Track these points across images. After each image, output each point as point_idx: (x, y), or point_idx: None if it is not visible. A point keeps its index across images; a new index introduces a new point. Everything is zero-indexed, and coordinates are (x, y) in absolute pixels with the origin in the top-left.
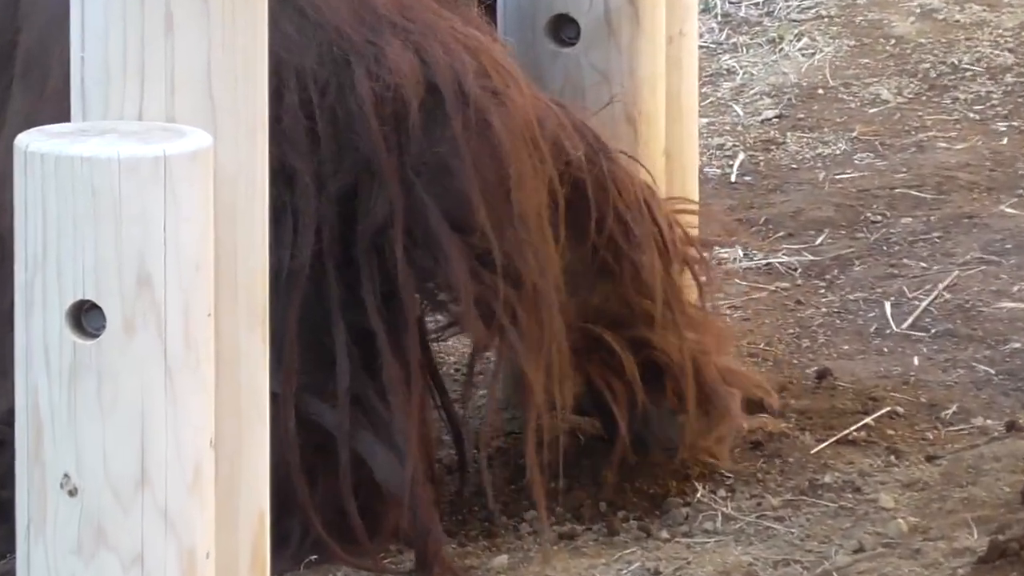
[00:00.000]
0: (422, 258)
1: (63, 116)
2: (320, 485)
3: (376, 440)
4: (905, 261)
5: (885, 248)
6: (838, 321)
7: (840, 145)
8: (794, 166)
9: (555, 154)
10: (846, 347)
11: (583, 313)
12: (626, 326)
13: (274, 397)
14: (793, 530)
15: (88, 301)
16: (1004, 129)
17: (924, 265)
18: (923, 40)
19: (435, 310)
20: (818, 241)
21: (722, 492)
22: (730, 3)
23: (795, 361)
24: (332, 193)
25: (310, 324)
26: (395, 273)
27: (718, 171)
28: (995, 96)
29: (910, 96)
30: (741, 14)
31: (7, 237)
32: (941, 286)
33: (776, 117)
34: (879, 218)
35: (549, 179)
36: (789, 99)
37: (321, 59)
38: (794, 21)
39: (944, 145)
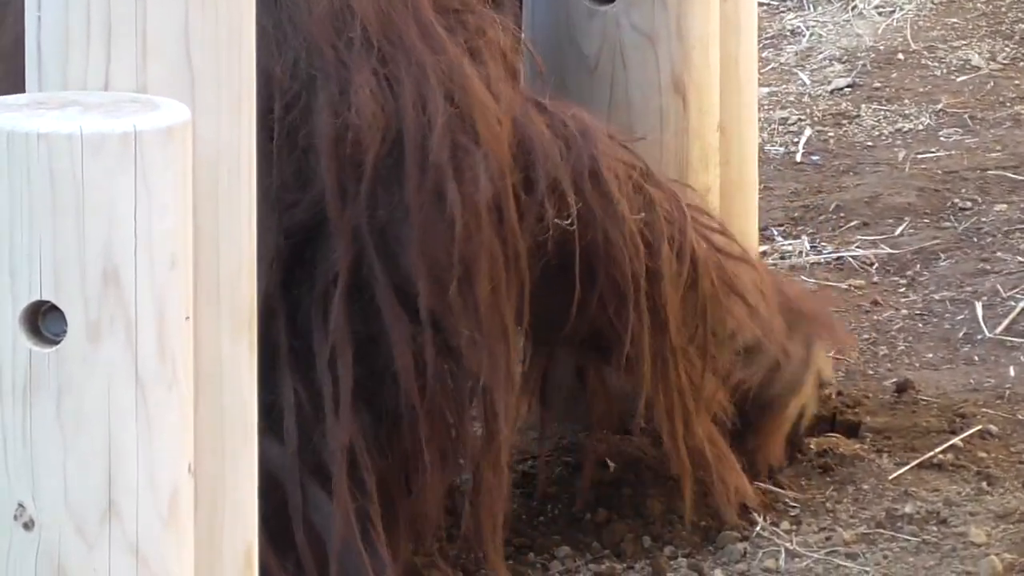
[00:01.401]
0: (366, 326)
1: (15, 86)
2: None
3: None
4: (999, 255)
5: (976, 240)
6: (921, 325)
7: (923, 119)
8: (870, 143)
9: (539, 215)
10: (930, 355)
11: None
12: None
13: None
14: (868, 568)
15: (46, 302)
16: None
17: (1021, 260)
18: None
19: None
20: (898, 231)
21: (786, 524)
22: None
23: (871, 372)
24: (285, 225)
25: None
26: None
27: (781, 149)
28: None
29: (1005, 62)
30: None
31: None
32: None
33: (848, 86)
34: (969, 204)
35: (517, 257)
36: (864, 65)
37: (293, 68)
38: None
39: None
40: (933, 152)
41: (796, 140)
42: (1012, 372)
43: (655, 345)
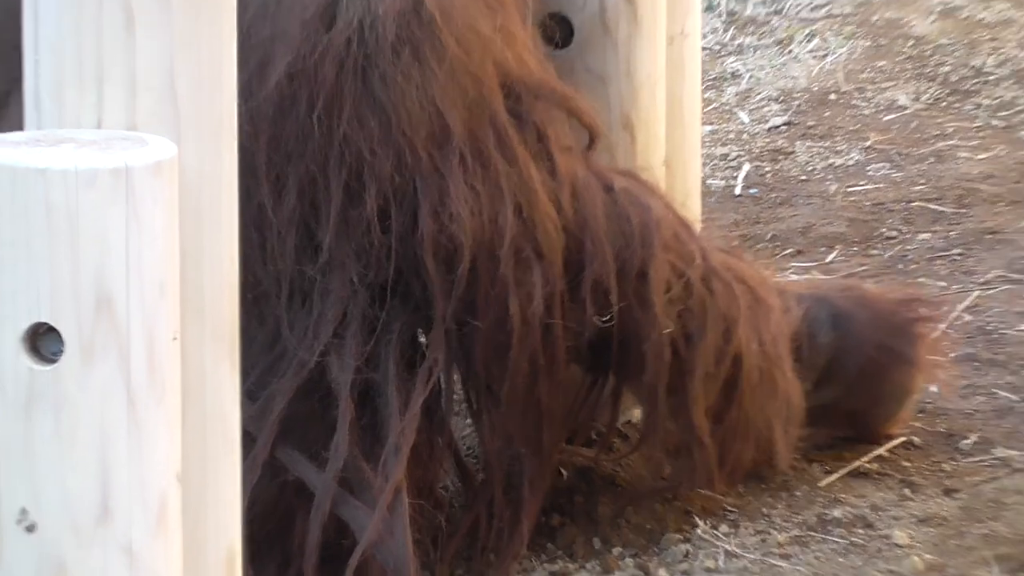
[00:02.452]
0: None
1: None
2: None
3: (361, 506)
4: (923, 280)
5: (901, 266)
6: None
7: (853, 155)
8: (804, 178)
9: (580, 318)
10: None
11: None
12: None
13: (249, 436)
14: (800, 568)
15: (45, 324)
16: None
17: (943, 284)
18: (944, 41)
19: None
20: (829, 259)
21: (724, 528)
22: (735, 0)
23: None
24: (374, 289)
25: (310, 389)
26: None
27: (722, 183)
28: (1021, 102)
29: (929, 102)
30: (747, 12)
31: None
32: (961, 307)
33: (784, 124)
34: (895, 234)
35: (555, 361)
36: (799, 105)
37: (399, 167)
38: (805, 20)
39: (965, 155)
40: (862, 185)
41: (735, 174)
42: (933, 388)
43: (686, 433)
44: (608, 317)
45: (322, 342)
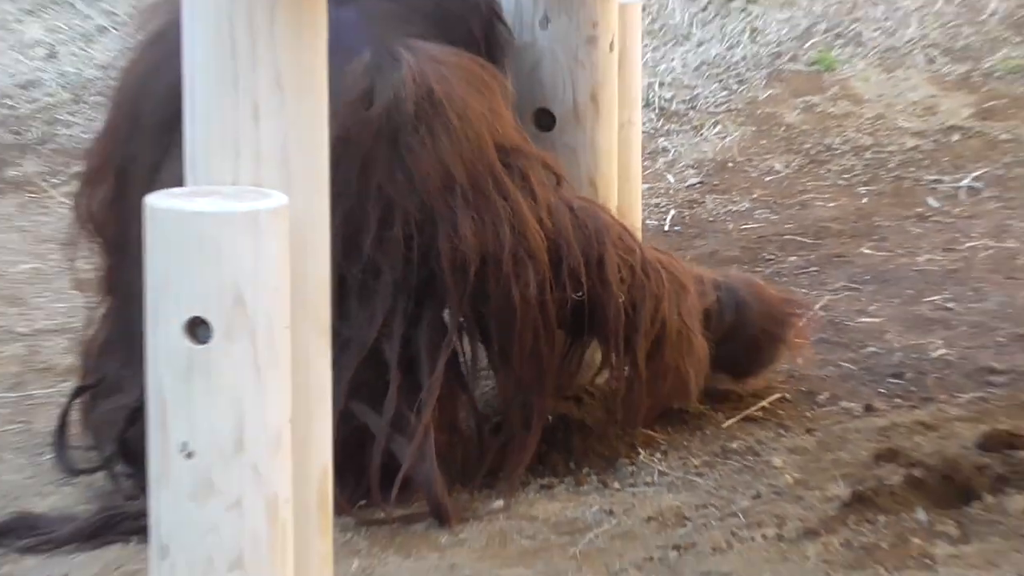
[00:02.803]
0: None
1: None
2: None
3: (406, 441)
4: (792, 288)
5: (777, 279)
6: None
7: (744, 204)
8: (710, 219)
9: (563, 295)
10: None
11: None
12: None
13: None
14: (709, 482)
15: (199, 317)
16: (864, 192)
17: (805, 291)
18: (806, 127)
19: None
20: None
21: (658, 455)
22: (664, 100)
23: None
24: (407, 289)
25: (365, 361)
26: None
27: (656, 223)
28: (857, 168)
29: (796, 168)
30: (672, 108)
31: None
32: (818, 306)
33: (698, 183)
34: (772, 257)
35: (549, 325)
36: (707, 170)
37: (420, 207)
38: (711, 113)
39: (820, 204)
40: (750, 225)
41: (665, 217)
42: (799, 361)
43: (631, 369)
44: (580, 293)
45: (375, 329)
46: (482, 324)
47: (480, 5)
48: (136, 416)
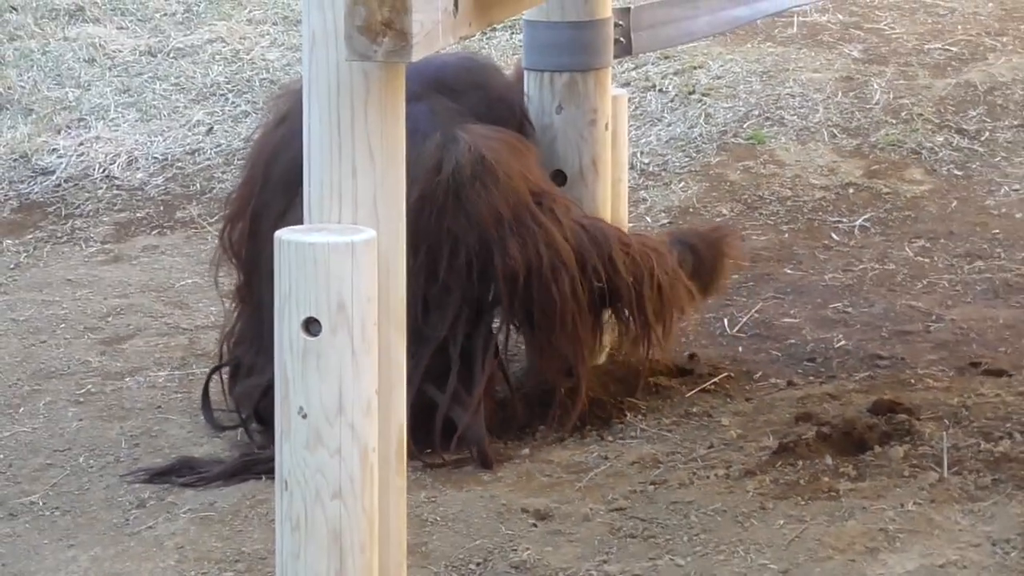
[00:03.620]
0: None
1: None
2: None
3: (462, 410)
4: (735, 298)
5: (725, 293)
6: (700, 328)
7: None
8: None
9: (590, 282)
10: (704, 342)
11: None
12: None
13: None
14: (677, 436)
15: (312, 317)
16: (786, 229)
17: (744, 299)
18: (744, 183)
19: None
20: None
21: (640, 416)
22: (643, 164)
23: (677, 349)
24: (470, 300)
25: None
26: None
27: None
28: (781, 212)
29: (737, 212)
30: (650, 170)
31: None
32: (753, 310)
33: (668, 223)
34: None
35: (582, 309)
36: (675, 213)
37: (478, 239)
38: (677, 173)
39: (755, 237)
40: None
41: None
42: (740, 350)
43: (643, 324)
44: (600, 283)
45: (446, 330)
46: (529, 320)
47: (516, 109)
48: (267, 392)
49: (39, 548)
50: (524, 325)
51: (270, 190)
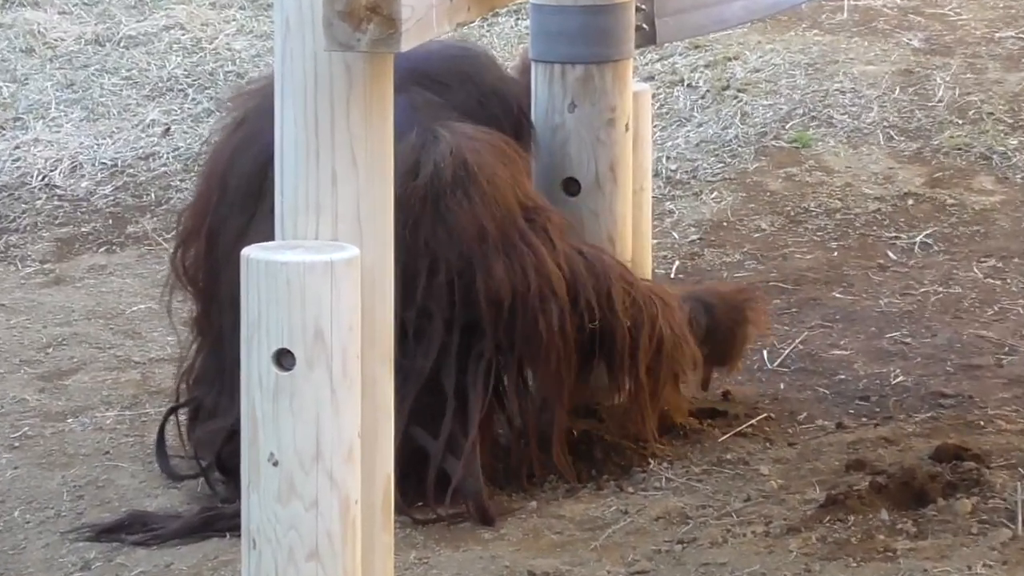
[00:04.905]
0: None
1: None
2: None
3: (456, 461)
4: (776, 326)
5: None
6: None
7: (736, 256)
8: (709, 269)
9: (581, 324)
10: (740, 377)
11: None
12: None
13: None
14: (708, 487)
15: (285, 349)
16: (835, 247)
17: (787, 328)
18: (787, 192)
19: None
20: None
21: (665, 464)
22: (670, 170)
23: (710, 386)
24: (455, 327)
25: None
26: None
27: (663, 271)
28: (829, 227)
29: (779, 227)
30: (677, 177)
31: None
32: (797, 340)
33: (698, 239)
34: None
35: (569, 349)
36: (706, 228)
37: (459, 257)
38: (709, 181)
39: (799, 256)
40: (741, 273)
41: (671, 267)
42: (782, 387)
43: (635, 383)
44: (594, 323)
45: (431, 361)
46: (514, 351)
47: (512, 106)
48: (232, 436)
49: None
50: (508, 357)
51: (228, 204)
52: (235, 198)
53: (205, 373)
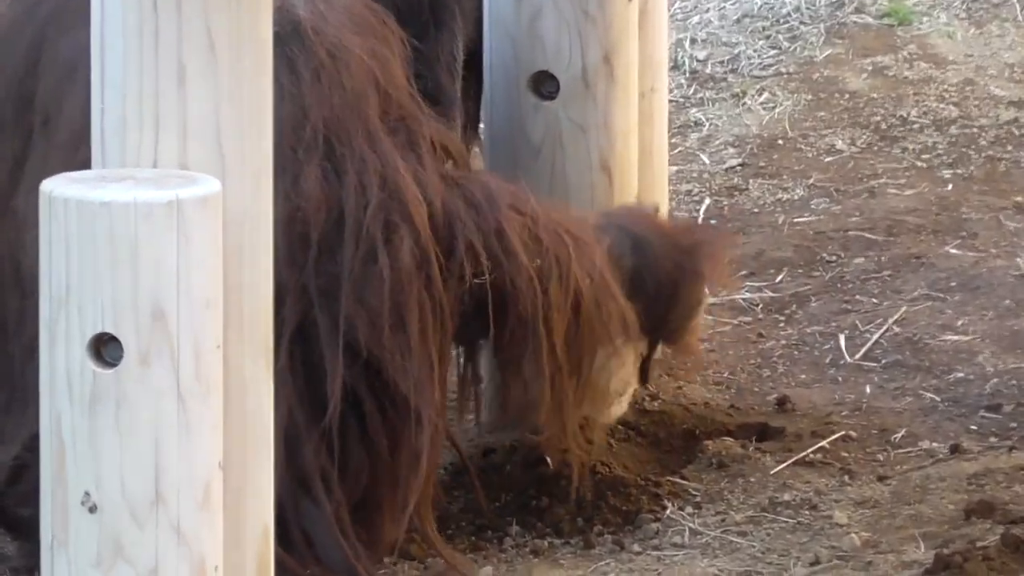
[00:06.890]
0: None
1: (78, 163)
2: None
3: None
4: (858, 297)
5: (839, 286)
6: (796, 352)
7: (798, 191)
8: (756, 210)
9: (460, 275)
10: (803, 376)
11: None
12: None
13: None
14: (755, 544)
15: (107, 334)
16: (949, 176)
17: (875, 301)
18: (875, 95)
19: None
20: (778, 279)
21: (689, 509)
22: (697, 61)
23: (757, 389)
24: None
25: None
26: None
27: (686, 215)
28: (940, 146)
29: (863, 146)
30: (707, 71)
31: (29, 276)
32: (891, 320)
33: (739, 165)
34: (834, 258)
35: (442, 308)
36: (751, 149)
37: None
38: (756, 77)
39: (894, 191)
40: (806, 217)
41: (698, 208)
42: (868, 390)
43: (551, 361)
44: (483, 276)
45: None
46: (330, 308)
47: None
48: (18, 474)
49: None
50: (327, 322)
51: (39, 104)
52: (3, 113)
53: None
